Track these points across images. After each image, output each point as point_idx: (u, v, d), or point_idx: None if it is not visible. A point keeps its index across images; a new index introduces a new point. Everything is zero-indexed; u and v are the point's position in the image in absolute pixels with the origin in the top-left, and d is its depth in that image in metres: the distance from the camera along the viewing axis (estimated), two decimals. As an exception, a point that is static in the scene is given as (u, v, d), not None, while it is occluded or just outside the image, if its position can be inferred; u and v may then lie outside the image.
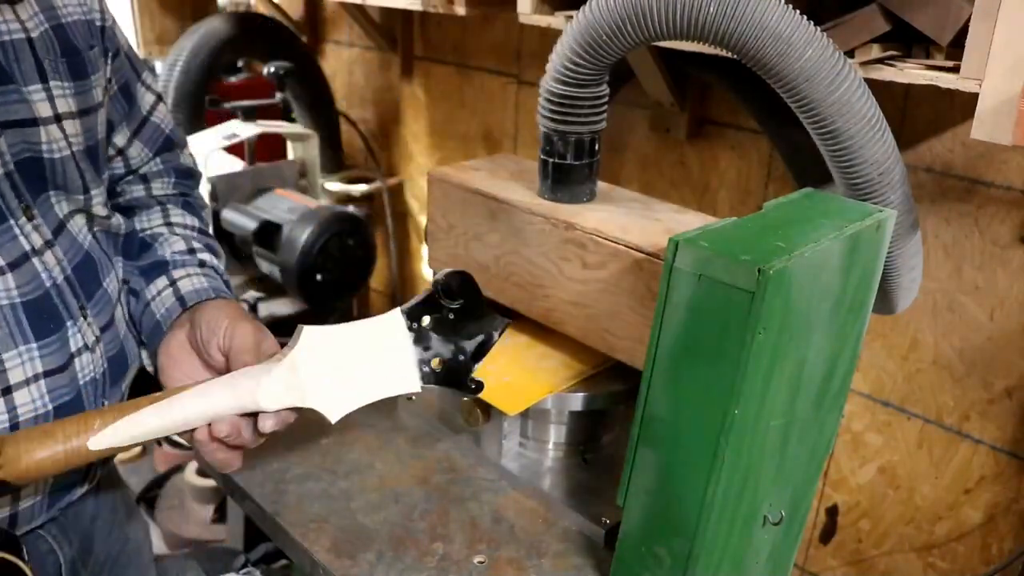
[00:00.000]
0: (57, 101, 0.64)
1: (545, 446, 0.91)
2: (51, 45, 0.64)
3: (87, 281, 0.68)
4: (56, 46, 0.64)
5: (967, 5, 0.78)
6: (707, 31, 0.67)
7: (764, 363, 0.59)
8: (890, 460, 1.30)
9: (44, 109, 0.63)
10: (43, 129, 0.63)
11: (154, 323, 0.73)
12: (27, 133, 0.62)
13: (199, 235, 0.81)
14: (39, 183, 0.64)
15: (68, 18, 0.66)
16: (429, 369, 0.63)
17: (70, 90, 0.65)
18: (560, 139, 0.81)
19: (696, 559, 0.64)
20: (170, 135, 0.82)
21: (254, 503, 0.83)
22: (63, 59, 0.65)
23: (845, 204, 0.71)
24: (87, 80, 0.67)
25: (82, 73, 0.67)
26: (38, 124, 0.63)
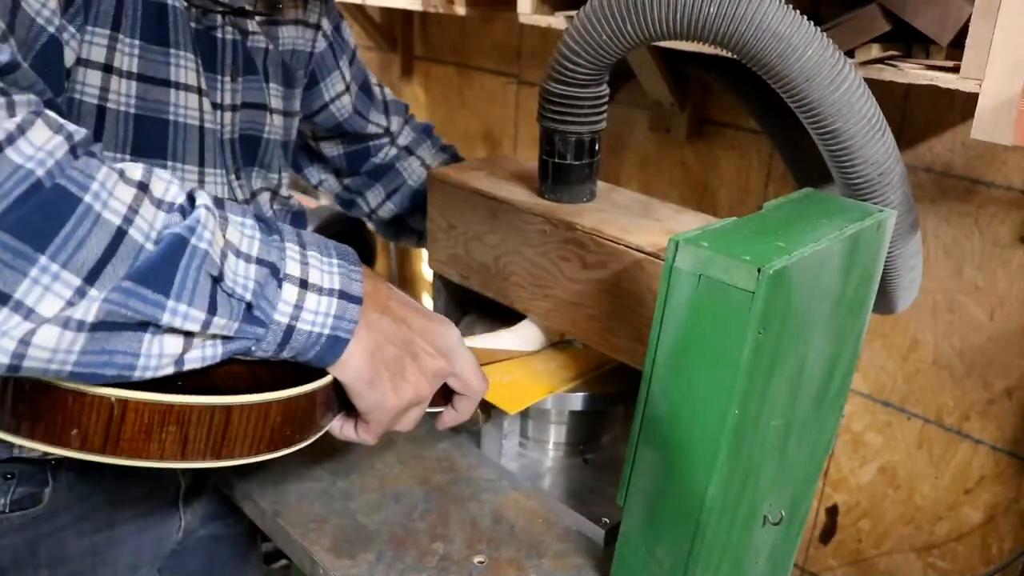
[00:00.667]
0: (273, 99, 0.85)
1: (545, 446, 0.91)
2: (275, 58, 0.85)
3: None
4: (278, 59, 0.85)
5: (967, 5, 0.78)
6: (707, 31, 0.67)
7: (764, 363, 0.59)
8: (890, 460, 1.30)
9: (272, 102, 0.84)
10: (268, 114, 0.84)
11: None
12: (256, 115, 0.82)
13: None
14: (249, 157, 0.82)
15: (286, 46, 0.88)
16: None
17: (281, 93, 0.87)
18: (560, 139, 0.81)
19: (696, 559, 0.64)
20: (405, 105, 1.13)
21: (254, 503, 0.83)
22: (280, 69, 0.86)
23: (845, 204, 0.71)
24: (293, 90, 0.89)
25: (291, 84, 0.89)
26: (266, 110, 0.83)
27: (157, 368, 0.52)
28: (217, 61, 0.75)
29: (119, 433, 0.54)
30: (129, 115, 0.68)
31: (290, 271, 0.57)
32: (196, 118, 0.73)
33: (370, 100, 1.07)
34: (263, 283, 0.55)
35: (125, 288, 0.48)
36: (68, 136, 0.48)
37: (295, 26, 0.89)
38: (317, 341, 0.58)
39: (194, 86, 0.72)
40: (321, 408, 0.64)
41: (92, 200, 0.47)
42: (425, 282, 2.12)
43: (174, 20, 0.69)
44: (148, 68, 0.68)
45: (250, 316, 0.54)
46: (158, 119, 0.70)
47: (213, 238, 0.52)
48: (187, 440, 0.56)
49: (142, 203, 0.49)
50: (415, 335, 0.66)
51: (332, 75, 1.00)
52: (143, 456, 0.55)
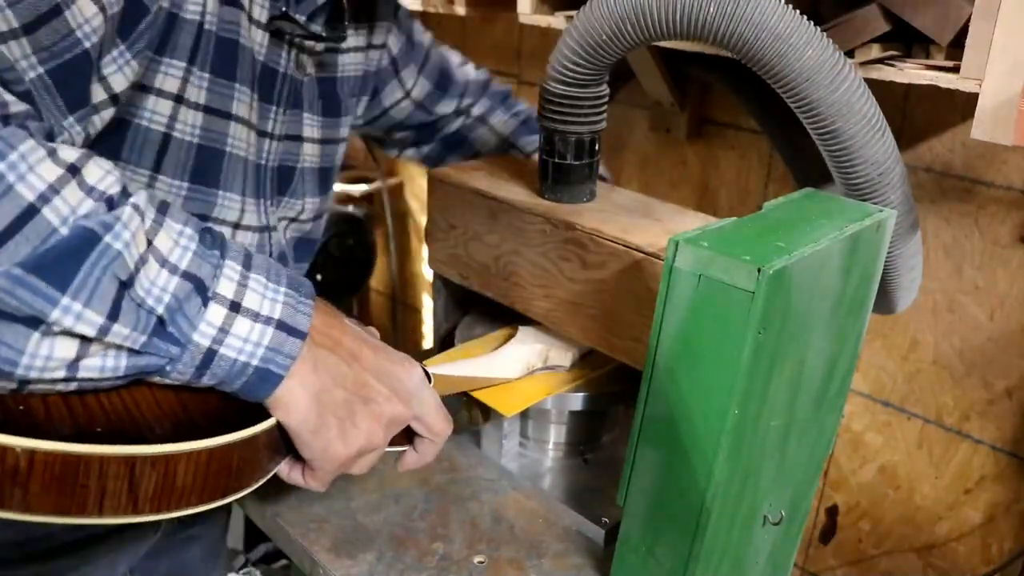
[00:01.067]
0: (307, 128, 0.85)
1: (545, 446, 0.91)
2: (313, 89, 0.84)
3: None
4: (316, 89, 0.84)
5: (967, 5, 0.78)
6: (707, 31, 0.67)
7: (764, 363, 0.59)
8: (890, 460, 1.30)
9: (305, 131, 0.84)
10: (301, 144, 0.84)
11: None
12: (292, 146, 0.82)
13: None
14: (283, 186, 0.83)
15: (344, 73, 0.88)
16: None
17: (318, 123, 0.86)
18: (560, 139, 0.81)
19: (696, 559, 0.64)
20: (486, 79, 1.13)
21: (254, 503, 0.83)
22: (320, 100, 0.85)
23: (845, 204, 0.71)
24: (337, 119, 0.89)
25: (333, 113, 0.88)
26: (301, 140, 0.84)
27: (44, 369, 0.47)
28: (274, 93, 0.77)
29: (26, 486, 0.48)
30: (192, 144, 0.68)
31: (221, 290, 0.53)
32: (243, 149, 0.74)
33: (443, 92, 1.07)
34: (183, 298, 0.51)
35: (15, 275, 0.44)
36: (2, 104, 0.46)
37: (357, 53, 0.90)
38: (243, 371, 0.54)
39: (246, 119, 0.73)
40: (266, 452, 0.59)
41: (6, 169, 0.44)
42: (425, 282, 2.12)
43: (242, 57, 0.70)
44: (214, 101, 0.69)
45: (162, 331, 0.51)
46: (216, 149, 0.71)
47: (132, 239, 0.48)
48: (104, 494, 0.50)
49: (67, 185, 0.46)
50: (369, 376, 0.61)
51: (390, 85, 1.02)
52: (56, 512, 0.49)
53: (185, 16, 0.65)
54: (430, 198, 0.94)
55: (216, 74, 0.69)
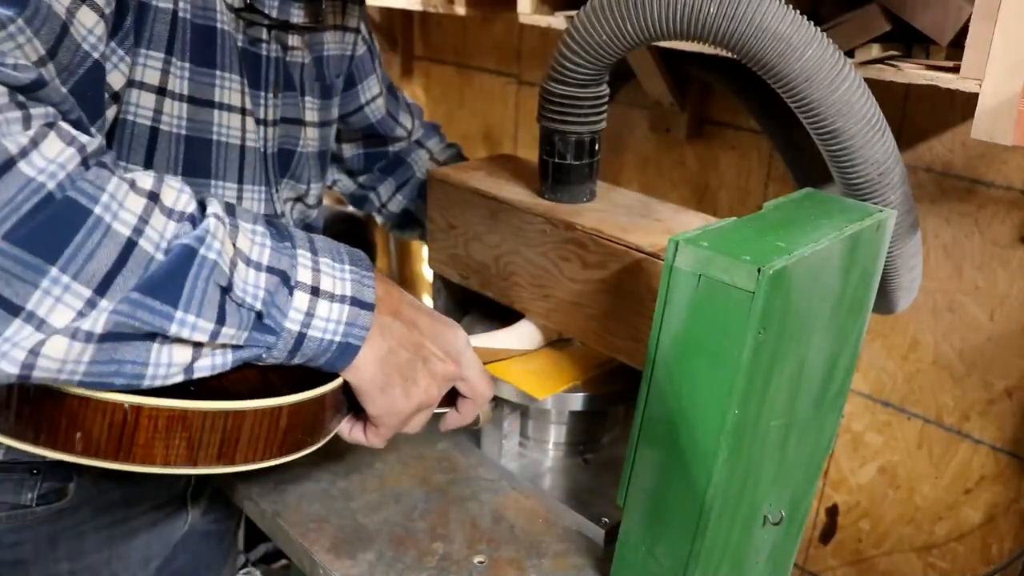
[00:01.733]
0: (308, 112, 0.86)
1: (545, 446, 0.91)
2: (311, 71, 0.86)
3: None
4: (313, 73, 0.86)
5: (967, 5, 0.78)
6: (707, 31, 0.67)
7: (764, 363, 0.59)
8: (890, 460, 1.30)
9: (306, 115, 0.86)
10: (303, 128, 0.85)
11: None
12: (292, 129, 0.84)
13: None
14: (283, 169, 0.84)
15: (328, 52, 0.89)
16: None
17: (316, 106, 0.87)
18: (560, 139, 0.81)
19: (696, 559, 0.64)
20: (419, 106, 1.15)
21: (254, 503, 0.83)
22: (316, 82, 0.87)
23: (845, 204, 0.71)
24: (330, 100, 0.90)
25: (327, 95, 0.89)
26: (302, 124, 0.85)
27: (166, 377, 0.52)
28: (261, 78, 0.77)
29: (132, 439, 0.54)
30: (180, 136, 0.69)
31: (301, 278, 0.57)
32: (238, 137, 0.74)
33: (396, 101, 1.08)
34: (273, 291, 0.55)
35: (133, 299, 0.48)
36: (80, 148, 0.48)
37: (335, 31, 0.90)
38: (329, 348, 0.58)
39: (238, 106, 0.73)
40: (330, 411, 0.64)
41: (102, 212, 0.47)
42: (425, 282, 2.12)
43: (222, 43, 0.70)
44: (197, 90, 0.69)
45: (260, 325, 0.54)
46: (204, 139, 0.71)
47: (222, 247, 0.52)
48: (198, 446, 0.56)
49: (152, 213, 0.50)
50: (425, 339, 0.66)
51: (369, 78, 1.01)
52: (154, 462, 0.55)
53: (158, 5, 0.65)
54: (430, 198, 0.94)
55: (196, 63, 0.69)
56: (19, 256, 0.44)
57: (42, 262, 0.45)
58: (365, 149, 1.09)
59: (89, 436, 0.53)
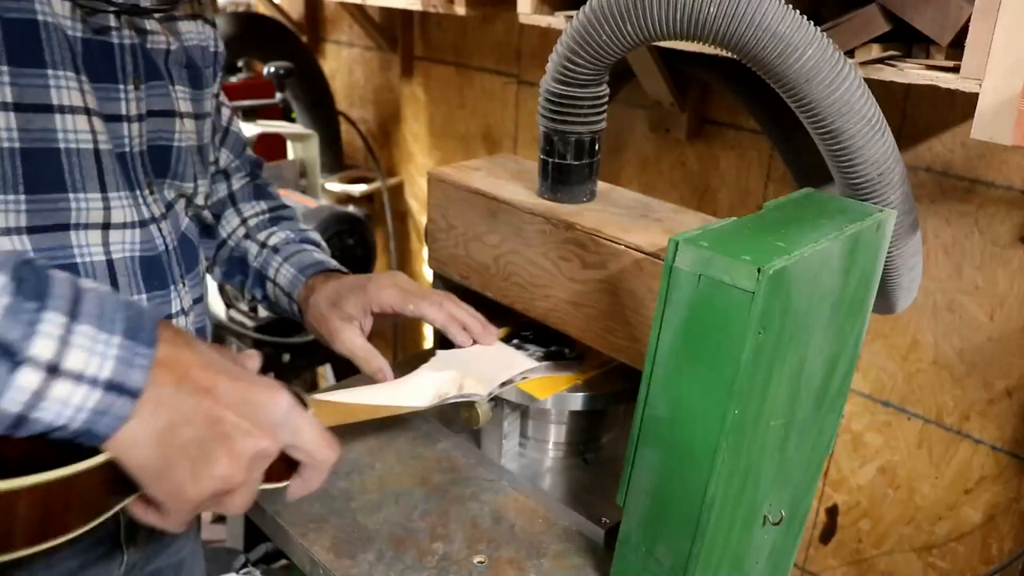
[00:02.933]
0: (181, 102, 0.77)
1: (545, 446, 0.91)
2: (179, 58, 0.77)
3: (186, 256, 0.78)
4: (182, 59, 0.78)
5: (967, 5, 0.78)
6: (707, 31, 0.67)
7: (764, 363, 0.59)
8: (890, 460, 1.30)
9: (179, 105, 0.77)
10: (177, 120, 0.76)
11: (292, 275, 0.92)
12: (164, 122, 0.74)
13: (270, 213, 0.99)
14: (162, 168, 0.75)
15: (189, 42, 0.80)
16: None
17: (189, 95, 0.79)
18: (560, 139, 0.81)
19: (696, 559, 0.64)
20: (245, 141, 1.00)
21: (254, 503, 0.83)
22: (186, 70, 0.78)
23: (845, 204, 0.71)
24: (202, 91, 0.81)
25: (198, 84, 0.80)
26: (175, 116, 0.76)
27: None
28: (116, 69, 0.68)
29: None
30: (15, 151, 0.61)
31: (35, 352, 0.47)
32: (89, 140, 0.65)
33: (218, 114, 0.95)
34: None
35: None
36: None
37: (194, 21, 0.81)
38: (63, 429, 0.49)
39: (80, 106, 0.64)
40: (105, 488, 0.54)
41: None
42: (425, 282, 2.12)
43: (47, 37, 0.62)
44: (25, 95, 0.61)
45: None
46: (47, 149, 0.62)
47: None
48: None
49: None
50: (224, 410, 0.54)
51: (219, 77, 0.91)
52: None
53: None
54: (430, 198, 0.94)
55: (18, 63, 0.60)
56: None
57: None
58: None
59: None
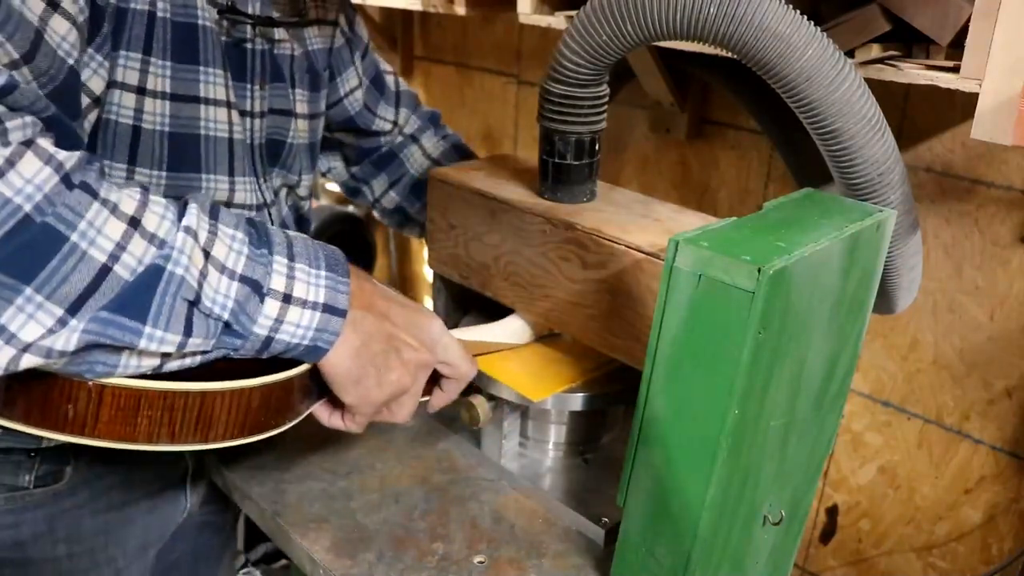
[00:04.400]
0: (298, 104, 0.87)
1: (545, 446, 0.91)
2: (301, 63, 0.87)
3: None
4: (304, 64, 0.87)
5: (967, 5, 0.78)
6: (707, 32, 0.67)
7: (764, 363, 0.59)
8: (890, 460, 1.30)
9: (297, 107, 0.86)
10: (292, 120, 0.86)
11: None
12: (282, 120, 0.84)
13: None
14: (274, 159, 0.84)
15: (313, 46, 0.90)
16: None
17: (307, 97, 0.88)
18: (560, 139, 0.81)
19: (696, 559, 0.64)
20: (415, 94, 1.13)
21: (254, 503, 0.83)
22: (307, 74, 0.88)
23: (845, 204, 0.71)
24: (319, 92, 0.91)
25: (316, 87, 0.90)
26: (291, 115, 0.85)
27: (137, 370, 0.55)
28: (247, 71, 0.78)
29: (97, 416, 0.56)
30: (164, 133, 0.70)
31: (274, 286, 0.59)
32: (226, 130, 0.75)
33: (380, 93, 1.07)
34: (243, 301, 0.57)
35: (103, 318, 0.50)
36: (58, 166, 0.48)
37: (317, 26, 0.91)
38: (295, 349, 0.61)
39: (223, 100, 0.74)
40: (299, 395, 0.66)
41: (79, 239, 0.48)
42: (425, 282, 2.12)
43: (204, 39, 0.71)
44: (180, 87, 0.70)
45: (228, 331, 0.57)
46: (191, 135, 0.72)
47: (190, 262, 0.53)
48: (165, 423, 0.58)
49: (131, 239, 0.51)
50: (399, 329, 0.68)
51: (348, 71, 1.01)
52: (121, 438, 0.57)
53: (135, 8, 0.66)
54: (430, 198, 0.94)
55: (178, 60, 0.69)
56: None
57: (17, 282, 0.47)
58: (356, 140, 1.09)
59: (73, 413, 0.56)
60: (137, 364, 0.54)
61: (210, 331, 0.55)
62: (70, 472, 0.78)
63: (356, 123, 1.06)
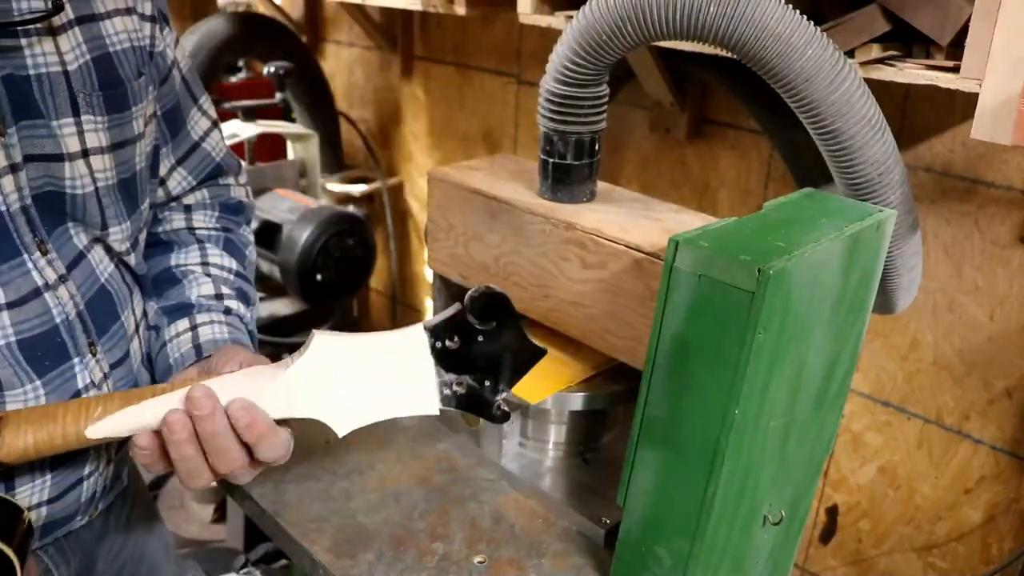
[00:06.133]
0: (87, 136, 0.63)
1: (545, 446, 0.91)
2: (89, 78, 0.62)
3: (102, 315, 0.67)
4: (95, 78, 0.62)
5: (967, 5, 0.78)
6: (707, 31, 0.67)
7: (764, 363, 0.59)
8: (890, 460, 1.30)
9: (72, 144, 0.62)
10: (68, 164, 0.62)
11: (167, 365, 0.71)
12: (51, 168, 0.61)
13: (235, 278, 0.79)
14: (57, 217, 0.63)
15: (116, 47, 0.65)
16: (451, 392, 0.59)
17: (103, 124, 0.64)
18: (560, 139, 0.81)
19: (696, 559, 0.64)
20: (221, 163, 0.80)
21: (254, 503, 0.83)
22: (100, 92, 0.63)
23: (845, 204, 0.71)
24: (127, 112, 0.65)
25: (121, 105, 0.65)
26: (63, 160, 0.62)
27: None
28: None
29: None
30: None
31: None
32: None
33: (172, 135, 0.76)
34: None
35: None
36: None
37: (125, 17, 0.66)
38: None
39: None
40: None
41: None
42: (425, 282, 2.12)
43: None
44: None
45: None
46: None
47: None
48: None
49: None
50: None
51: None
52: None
53: None
54: (430, 198, 0.94)
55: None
56: None
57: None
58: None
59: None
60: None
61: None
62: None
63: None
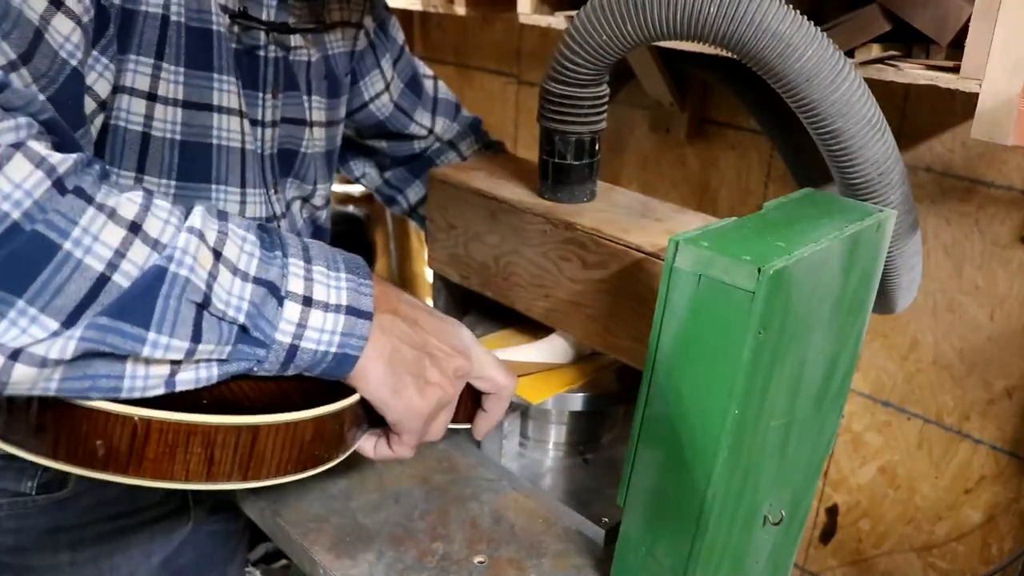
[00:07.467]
0: (315, 112, 0.85)
1: (545, 446, 0.91)
2: (319, 69, 0.84)
3: None
4: (322, 70, 0.85)
5: (967, 5, 0.78)
6: (707, 31, 0.67)
7: (764, 363, 0.59)
8: (890, 460, 1.30)
9: (310, 115, 0.84)
10: (307, 128, 0.84)
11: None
12: (294, 129, 0.82)
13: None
14: (285, 168, 0.82)
15: (333, 51, 0.88)
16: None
17: (324, 105, 0.86)
18: (560, 139, 0.81)
19: (696, 559, 0.64)
20: (456, 102, 1.11)
21: (254, 503, 0.83)
22: (325, 80, 0.86)
23: (845, 204, 0.71)
24: (337, 99, 0.89)
25: (335, 93, 0.88)
26: (304, 124, 0.83)
27: (145, 389, 0.50)
28: (259, 80, 0.75)
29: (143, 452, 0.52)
30: (175, 141, 0.67)
31: (292, 288, 0.55)
32: (238, 140, 0.72)
33: (417, 98, 1.05)
34: (260, 303, 0.53)
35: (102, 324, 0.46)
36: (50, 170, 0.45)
37: (340, 29, 0.88)
38: (324, 358, 0.57)
39: (236, 109, 0.71)
40: (350, 426, 0.63)
41: (72, 247, 0.45)
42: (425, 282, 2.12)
43: (218, 45, 0.68)
44: (192, 94, 0.68)
45: (246, 337, 0.53)
46: (202, 144, 0.69)
47: (195, 263, 0.50)
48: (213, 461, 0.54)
49: (131, 246, 0.47)
50: (429, 336, 0.64)
51: (372, 74, 0.98)
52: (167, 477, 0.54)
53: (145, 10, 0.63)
54: (430, 198, 0.94)
55: (191, 66, 0.67)
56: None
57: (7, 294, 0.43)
58: (389, 146, 1.06)
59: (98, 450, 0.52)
60: (145, 375, 0.50)
61: (223, 336, 0.51)
62: (74, 480, 0.77)
63: (388, 127, 1.04)
